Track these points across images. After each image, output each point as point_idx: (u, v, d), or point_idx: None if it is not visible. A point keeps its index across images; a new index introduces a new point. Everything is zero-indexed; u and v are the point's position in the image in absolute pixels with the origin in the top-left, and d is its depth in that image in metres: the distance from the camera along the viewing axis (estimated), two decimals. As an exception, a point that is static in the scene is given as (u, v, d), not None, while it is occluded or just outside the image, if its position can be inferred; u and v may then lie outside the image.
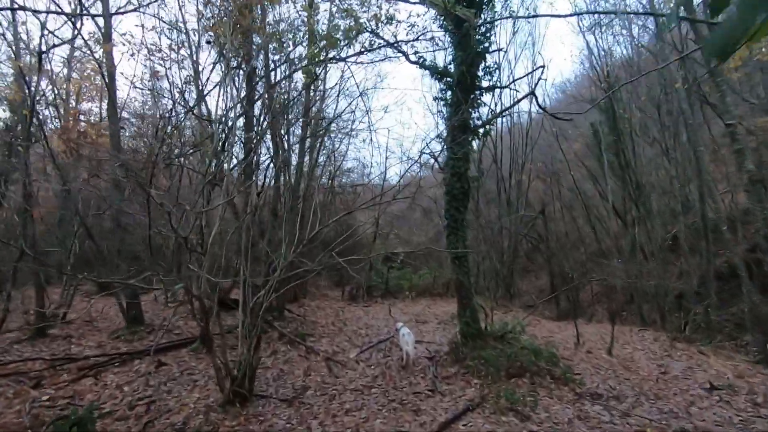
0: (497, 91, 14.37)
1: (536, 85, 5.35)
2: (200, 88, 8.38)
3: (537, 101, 5.94)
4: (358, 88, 13.14)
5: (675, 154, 14.60)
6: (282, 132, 9.10)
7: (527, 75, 8.13)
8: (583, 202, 19.61)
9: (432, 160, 8.77)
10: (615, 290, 15.34)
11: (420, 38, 7.98)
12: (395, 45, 7.82)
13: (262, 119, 9.54)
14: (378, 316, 11.38)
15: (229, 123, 6.68)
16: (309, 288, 15.46)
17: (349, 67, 11.61)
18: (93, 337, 8.41)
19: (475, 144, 8.76)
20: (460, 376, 6.41)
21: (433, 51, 8.39)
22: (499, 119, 15.82)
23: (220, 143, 6.85)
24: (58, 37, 9.31)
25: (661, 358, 8.04)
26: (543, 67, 6.64)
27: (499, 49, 12.35)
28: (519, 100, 7.79)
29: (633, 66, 16.50)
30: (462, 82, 7.56)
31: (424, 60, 8.21)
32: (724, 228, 11.05)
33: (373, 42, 7.56)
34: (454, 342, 7.33)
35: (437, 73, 8.17)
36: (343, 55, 7.66)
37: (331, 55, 7.69)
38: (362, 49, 7.59)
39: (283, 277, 5.43)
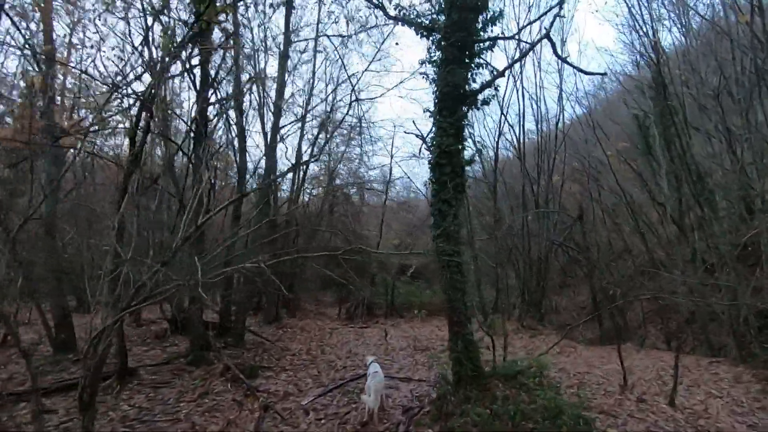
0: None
1: (552, 24, 3.48)
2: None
3: (554, 47, 4.03)
4: (344, 68, 11.38)
5: (743, 147, 11.87)
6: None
7: (542, 16, 5.94)
8: (629, 206, 16.88)
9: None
10: (670, 309, 12.63)
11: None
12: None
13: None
14: (372, 341, 9.40)
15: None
16: (305, 305, 13.72)
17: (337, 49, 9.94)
18: (14, 366, 6.96)
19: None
20: (442, 442, 4.35)
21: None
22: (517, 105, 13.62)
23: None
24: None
25: (752, 412, 5.57)
26: (562, 2, 4.67)
27: None
28: (532, 46, 5.74)
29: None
30: (453, 32, 5.65)
31: (406, 12, 6.37)
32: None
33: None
34: (440, 387, 5.26)
35: (422, 28, 6.29)
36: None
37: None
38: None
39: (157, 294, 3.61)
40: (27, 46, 6.40)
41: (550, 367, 6.06)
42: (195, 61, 7.01)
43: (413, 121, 9.85)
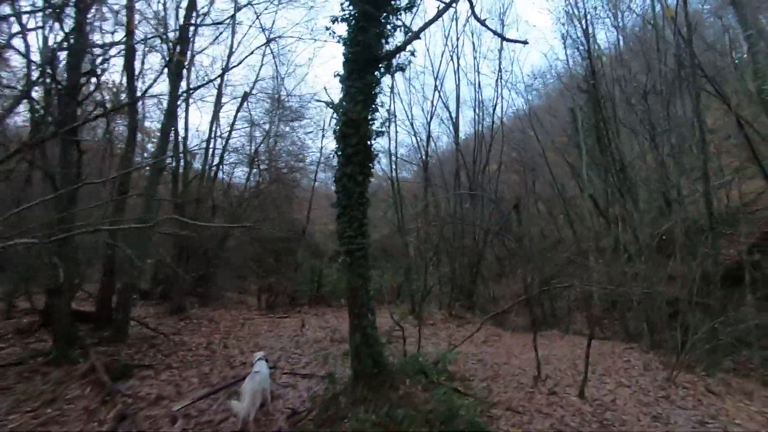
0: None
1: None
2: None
3: (472, 7, 3.53)
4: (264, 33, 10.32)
5: (663, 142, 12.29)
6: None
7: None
8: (562, 197, 17.27)
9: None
10: (593, 297, 13.00)
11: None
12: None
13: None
14: (286, 332, 8.65)
15: None
16: (227, 293, 12.66)
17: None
18: None
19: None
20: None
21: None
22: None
23: None
24: None
25: (657, 402, 5.48)
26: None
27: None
28: (448, 5, 5.11)
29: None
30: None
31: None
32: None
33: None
34: (328, 388, 4.64)
35: (335, -20, 5.52)
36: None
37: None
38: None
39: None
40: None
41: (455, 360, 5.62)
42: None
43: (325, 88, 9.00)
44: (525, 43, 5.15)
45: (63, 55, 5.97)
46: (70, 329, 6.00)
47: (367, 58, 5.05)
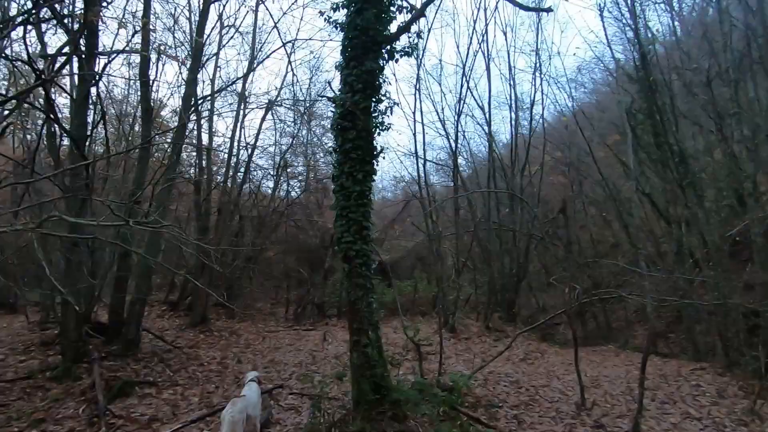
0: None
1: None
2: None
3: None
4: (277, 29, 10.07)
5: (732, 131, 10.74)
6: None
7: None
8: (614, 199, 15.74)
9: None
10: (658, 307, 11.52)
11: None
12: None
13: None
14: (307, 347, 8.22)
15: None
16: (257, 304, 12.51)
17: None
18: None
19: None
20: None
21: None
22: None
23: None
24: None
25: (735, 443, 4.41)
26: None
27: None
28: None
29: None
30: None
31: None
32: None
33: None
34: (322, 415, 4.04)
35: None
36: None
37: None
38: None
39: None
40: None
41: (469, 385, 4.83)
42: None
43: (328, 83, 8.48)
44: (549, 10, 4.42)
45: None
46: (78, 343, 5.88)
47: (366, 42, 4.52)
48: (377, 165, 4.69)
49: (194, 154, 10.52)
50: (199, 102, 8.55)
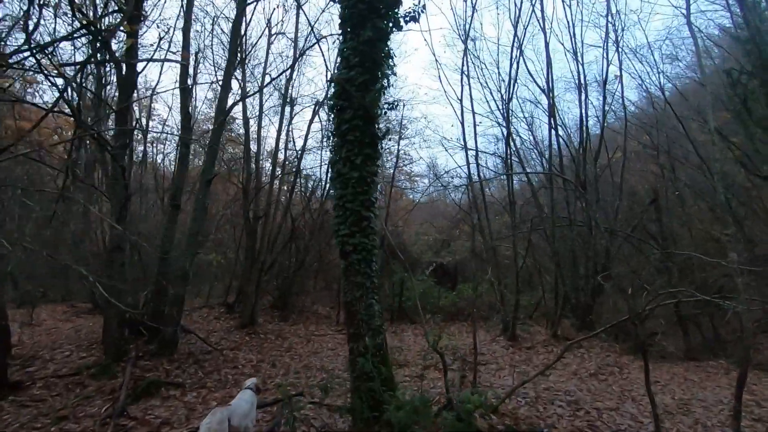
0: None
1: None
2: None
3: None
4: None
5: None
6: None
7: None
8: (728, 192, 13.19)
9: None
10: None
11: None
12: None
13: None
14: (345, 352, 7.78)
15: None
16: (315, 307, 12.49)
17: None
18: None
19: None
20: None
21: None
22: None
23: None
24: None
25: None
26: None
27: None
28: None
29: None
30: None
31: None
32: None
33: None
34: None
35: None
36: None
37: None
38: None
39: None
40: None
41: (491, 405, 3.98)
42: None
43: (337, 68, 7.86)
44: None
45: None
46: (119, 341, 6.10)
47: (362, 10, 4.01)
48: (381, 148, 4.13)
49: (242, 159, 10.81)
50: (237, 102, 8.68)
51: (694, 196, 14.87)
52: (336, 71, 4.28)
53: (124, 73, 6.54)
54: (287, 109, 10.66)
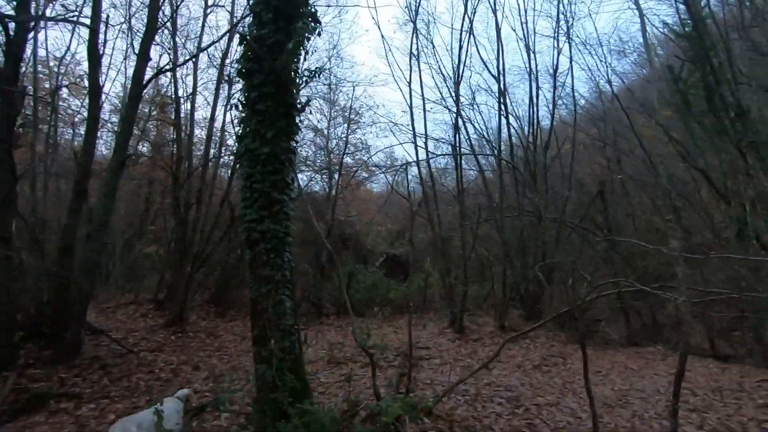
0: None
1: None
2: None
3: None
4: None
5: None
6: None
7: None
8: (670, 183, 13.66)
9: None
10: (720, 302, 9.74)
11: None
12: None
13: None
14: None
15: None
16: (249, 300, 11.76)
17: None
18: None
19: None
20: None
21: None
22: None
23: None
24: None
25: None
26: None
27: None
28: None
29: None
30: None
31: None
32: None
33: None
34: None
35: None
36: None
37: None
38: None
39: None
40: None
41: (426, 406, 3.62)
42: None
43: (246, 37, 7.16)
44: None
45: None
46: (6, 348, 5.22)
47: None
48: (300, 121, 3.59)
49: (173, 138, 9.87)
50: (157, 74, 7.77)
51: (638, 188, 15.32)
52: (246, 28, 3.68)
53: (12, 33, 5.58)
54: (225, 87, 9.78)
